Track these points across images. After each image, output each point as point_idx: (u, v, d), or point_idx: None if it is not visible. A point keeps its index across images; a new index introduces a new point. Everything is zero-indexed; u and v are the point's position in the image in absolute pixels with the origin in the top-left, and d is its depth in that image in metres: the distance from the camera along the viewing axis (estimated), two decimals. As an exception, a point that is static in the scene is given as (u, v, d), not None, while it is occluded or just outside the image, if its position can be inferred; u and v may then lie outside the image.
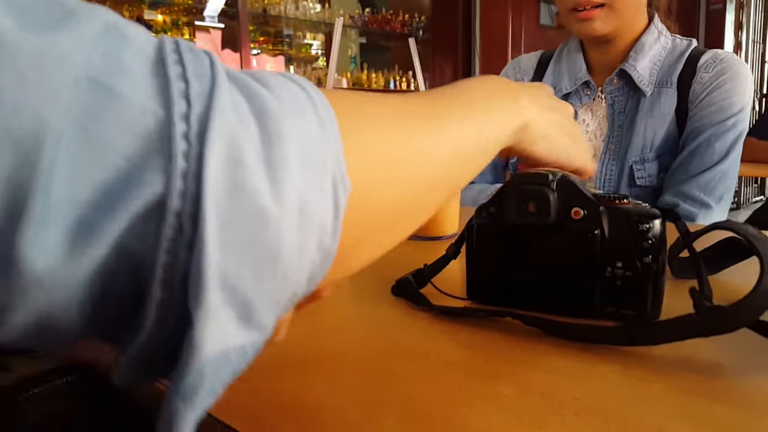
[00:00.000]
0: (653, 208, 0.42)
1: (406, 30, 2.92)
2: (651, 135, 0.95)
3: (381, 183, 0.26)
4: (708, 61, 0.95)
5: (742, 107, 0.92)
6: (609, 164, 0.98)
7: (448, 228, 0.75)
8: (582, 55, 1.04)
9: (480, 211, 0.45)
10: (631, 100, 0.98)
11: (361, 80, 2.79)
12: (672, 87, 0.96)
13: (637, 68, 0.97)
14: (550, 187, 0.42)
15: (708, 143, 0.91)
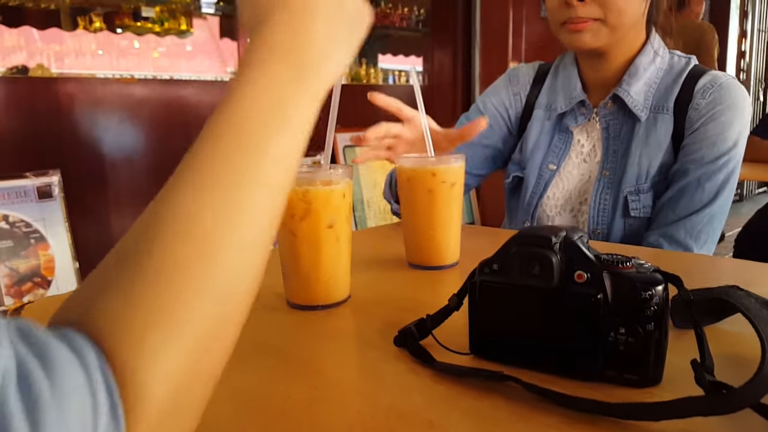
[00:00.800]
0: (655, 272, 0.42)
1: (405, 24, 2.89)
2: (646, 164, 0.93)
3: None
4: (706, 86, 0.92)
5: (735, 141, 0.90)
6: (603, 193, 0.96)
7: (449, 257, 0.76)
8: (577, 71, 1.01)
9: (483, 266, 0.45)
10: (626, 125, 0.96)
11: (360, 75, 2.77)
12: (668, 113, 0.93)
13: (630, 93, 0.94)
14: (553, 249, 0.42)
15: (698, 183, 0.89)
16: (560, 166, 1.01)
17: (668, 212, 0.90)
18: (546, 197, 1.01)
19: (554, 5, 0.93)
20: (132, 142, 2.11)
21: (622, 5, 0.88)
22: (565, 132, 1.02)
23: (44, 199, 1.91)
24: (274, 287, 0.63)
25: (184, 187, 0.31)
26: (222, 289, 0.29)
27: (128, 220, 2.10)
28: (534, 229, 0.44)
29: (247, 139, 0.33)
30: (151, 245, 0.28)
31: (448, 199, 0.73)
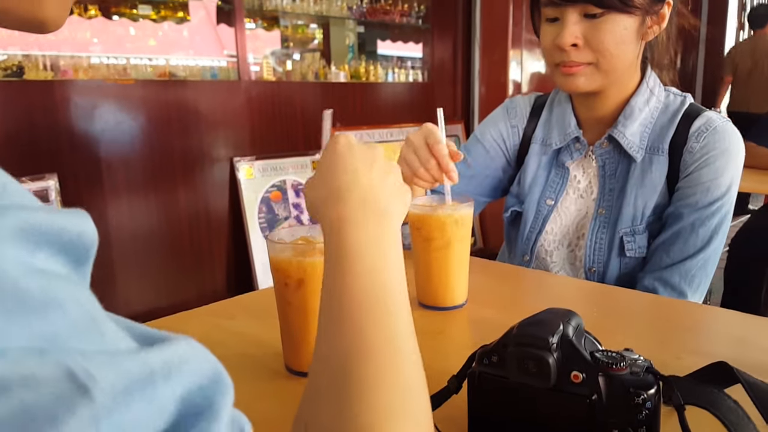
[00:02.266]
0: (648, 372, 0.44)
1: (406, 20, 2.87)
2: (642, 206, 0.94)
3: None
4: (700, 129, 0.92)
5: (728, 187, 0.91)
6: (599, 232, 0.97)
7: (458, 298, 0.79)
8: (572, 107, 1.02)
9: (482, 357, 0.47)
10: (622, 164, 0.97)
11: (359, 72, 2.76)
12: (663, 154, 0.94)
13: (626, 135, 0.95)
14: (550, 350, 0.44)
15: (692, 228, 0.91)
16: (558, 202, 1.02)
17: (662, 255, 0.92)
18: (545, 232, 1.03)
19: (548, 47, 0.93)
20: (129, 146, 2.11)
21: (614, 50, 0.89)
22: (561, 167, 1.03)
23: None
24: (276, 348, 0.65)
25: (357, 354, 0.37)
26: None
27: (125, 223, 2.12)
28: (532, 325, 0.46)
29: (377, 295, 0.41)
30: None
31: (459, 244, 0.77)
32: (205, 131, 2.29)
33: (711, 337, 0.72)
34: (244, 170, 2.38)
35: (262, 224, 2.43)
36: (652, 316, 0.78)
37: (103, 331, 0.21)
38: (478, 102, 3.10)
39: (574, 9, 0.88)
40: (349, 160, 0.48)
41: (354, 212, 0.45)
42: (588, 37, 0.88)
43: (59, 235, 0.21)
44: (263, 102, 2.43)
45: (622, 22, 0.87)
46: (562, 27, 0.89)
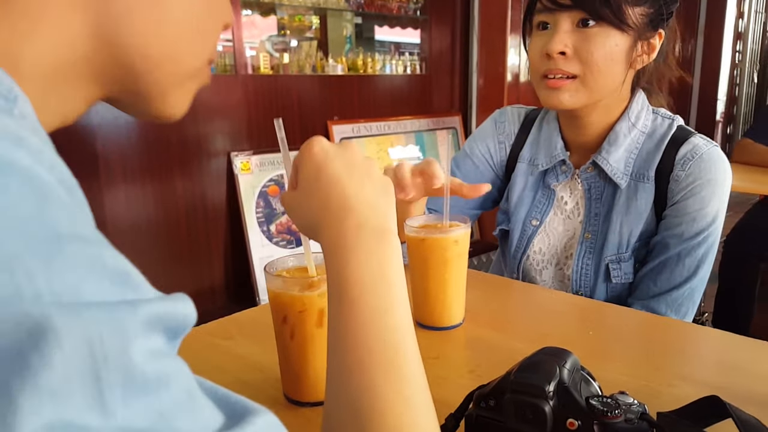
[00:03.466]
0: (642, 420, 0.44)
1: (404, 12, 2.84)
2: (627, 233, 0.94)
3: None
4: (686, 156, 0.92)
5: (714, 217, 0.91)
6: (585, 258, 0.97)
7: (455, 318, 0.80)
8: (559, 129, 1.02)
9: (479, 400, 0.48)
10: (608, 189, 0.97)
11: (357, 65, 2.74)
12: (649, 182, 0.94)
13: (609, 161, 0.94)
14: (547, 399, 0.44)
15: (678, 257, 0.91)
16: (543, 222, 1.03)
17: (650, 284, 0.92)
18: (532, 252, 1.04)
19: (536, 56, 0.92)
20: (126, 140, 2.10)
21: (602, 66, 0.88)
22: (547, 188, 1.03)
23: (41, 199, 1.92)
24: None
25: (370, 411, 0.39)
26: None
27: (123, 218, 2.12)
28: (529, 370, 0.46)
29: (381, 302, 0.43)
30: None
31: (456, 264, 0.78)
32: (202, 126, 2.28)
33: (704, 362, 0.73)
34: (241, 165, 2.38)
35: (259, 218, 2.43)
36: (646, 338, 0.79)
37: (198, 406, 0.25)
38: (477, 93, 3.08)
39: (568, 16, 0.87)
40: (331, 169, 0.47)
41: (353, 238, 0.44)
42: (577, 47, 0.88)
43: (170, 321, 0.25)
44: (260, 96, 2.42)
45: (613, 38, 0.87)
46: (553, 34, 0.88)
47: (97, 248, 0.25)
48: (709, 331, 0.83)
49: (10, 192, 0.22)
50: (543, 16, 0.91)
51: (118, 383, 0.21)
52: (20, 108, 0.29)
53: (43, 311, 0.20)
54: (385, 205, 0.47)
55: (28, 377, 0.19)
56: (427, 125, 2.97)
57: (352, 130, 2.72)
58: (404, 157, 2.89)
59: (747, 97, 4.93)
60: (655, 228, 0.95)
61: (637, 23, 0.87)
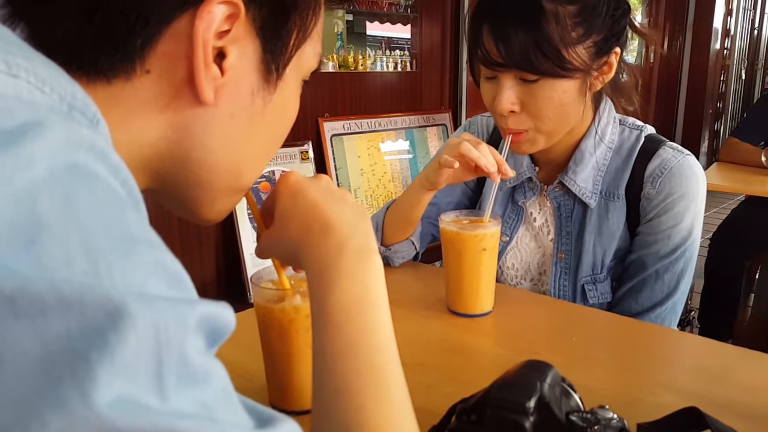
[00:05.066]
0: (621, 434, 0.45)
1: (394, 9, 2.84)
2: (601, 254, 0.93)
3: None
4: (655, 172, 0.89)
5: (690, 230, 0.89)
6: (561, 279, 0.96)
7: (486, 306, 0.87)
8: None
9: (462, 414, 0.49)
10: (578, 208, 0.95)
11: (348, 62, 2.74)
12: (620, 200, 0.92)
13: (577, 181, 0.92)
14: (527, 414, 0.45)
15: (657, 275, 0.89)
16: (513, 238, 1.02)
17: (631, 302, 0.91)
18: (505, 267, 1.03)
19: (489, 104, 0.88)
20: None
21: (553, 115, 0.84)
22: (516, 204, 1.02)
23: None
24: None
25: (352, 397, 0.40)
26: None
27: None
28: (510, 386, 0.47)
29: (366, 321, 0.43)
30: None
31: (489, 258, 0.84)
32: (192, 123, 2.27)
33: (686, 370, 0.74)
34: (232, 161, 2.38)
35: (250, 214, 2.43)
36: (630, 344, 0.80)
37: (235, 405, 0.27)
38: (466, 90, 3.09)
39: (509, 72, 0.82)
40: (308, 195, 0.48)
41: (335, 258, 0.44)
42: (525, 102, 0.83)
43: (215, 324, 0.28)
44: (250, 93, 2.41)
45: (560, 86, 0.81)
46: (499, 90, 0.84)
47: (160, 252, 0.28)
48: (692, 338, 0.85)
49: (97, 196, 0.26)
50: (484, 70, 0.86)
51: (175, 370, 0.24)
52: (101, 130, 0.32)
53: (121, 297, 0.23)
54: (366, 227, 0.48)
55: (107, 352, 0.21)
56: (417, 122, 2.98)
57: (343, 126, 2.72)
58: (395, 150, 2.90)
59: (735, 94, 4.96)
60: (629, 246, 0.93)
61: (583, 62, 0.81)
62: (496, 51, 0.80)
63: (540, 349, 0.76)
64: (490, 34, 0.81)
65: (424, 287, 0.97)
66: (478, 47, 0.83)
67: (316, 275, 0.45)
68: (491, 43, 0.81)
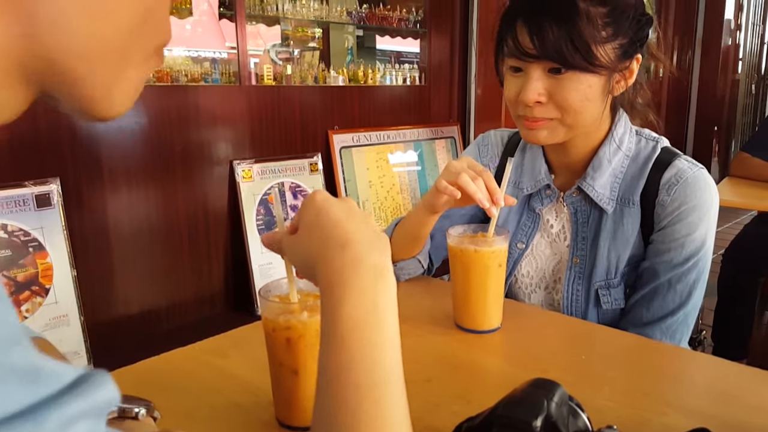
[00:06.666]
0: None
1: (404, 25, 2.86)
2: (615, 259, 0.94)
3: None
4: (671, 181, 0.91)
5: (703, 240, 0.90)
6: (575, 283, 0.97)
7: (494, 322, 0.86)
8: (543, 153, 1.01)
9: (468, 432, 0.49)
10: (594, 212, 0.96)
11: (358, 75, 2.75)
12: (635, 206, 0.93)
13: (595, 187, 0.94)
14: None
15: (669, 284, 0.90)
16: (529, 245, 1.02)
17: (642, 311, 0.92)
18: (520, 275, 1.03)
19: (512, 98, 0.91)
20: (131, 150, 2.12)
21: (578, 107, 0.87)
22: (533, 211, 1.03)
23: (43, 207, 1.93)
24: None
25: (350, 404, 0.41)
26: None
27: (126, 226, 2.13)
28: (517, 405, 0.47)
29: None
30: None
31: (496, 274, 0.84)
32: (206, 135, 2.30)
33: (697, 390, 0.73)
34: (243, 172, 2.39)
35: (259, 226, 2.44)
36: (639, 363, 0.79)
37: None
38: (474, 104, 3.10)
39: (538, 64, 0.86)
40: (332, 211, 0.49)
41: (349, 272, 0.45)
42: (552, 93, 0.86)
43: (90, 411, 0.26)
44: (263, 106, 2.44)
45: (586, 80, 0.85)
46: (526, 82, 0.87)
47: (2, 352, 0.24)
48: (703, 357, 0.84)
49: None
50: (513, 61, 0.89)
51: None
52: None
53: None
54: (383, 246, 0.48)
55: None
56: (425, 134, 2.99)
57: (352, 139, 2.73)
58: (403, 162, 2.91)
59: (745, 109, 4.94)
60: (643, 253, 0.94)
61: (609, 60, 0.86)
62: (530, 42, 0.85)
63: (548, 366, 0.75)
64: (525, 26, 0.86)
65: (431, 302, 0.97)
66: (511, 39, 0.88)
67: (329, 287, 0.45)
68: (525, 36, 0.86)
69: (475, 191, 0.82)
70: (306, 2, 2.58)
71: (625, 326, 0.93)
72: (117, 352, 1.96)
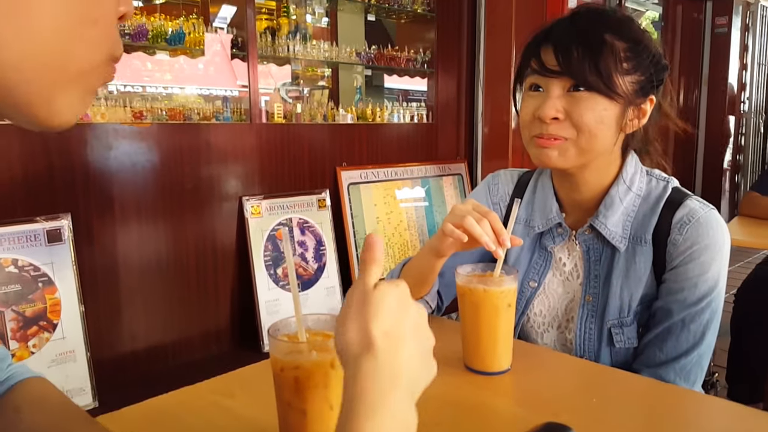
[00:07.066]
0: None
1: (412, 65, 2.91)
2: (627, 298, 0.93)
3: None
4: (683, 220, 0.91)
5: (716, 281, 0.90)
6: (588, 322, 0.96)
7: (504, 363, 0.85)
8: (554, 191, 1.02)
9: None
10: (606, 250, 0.96)
11: (366, 113, 2.80)
12: (647, 245, 0.93)
13: (608, 225, 0.94)
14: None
15: (683, 324, 0.90)
16: (541, 284, 1.02)
17: (656, 351, 0.91)
18: (532, 314, 1.03)
19: (527, 120, 0.93)
20: (142, 186, 2.15)
21: (593, 128, 0.88)
22: (544, 250, 1.03)
23: (54, 242, 1.95)
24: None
25: None
26: None
27: (135, 261, 2.14)
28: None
29: None
30: None
31: (506, 314, 0.83)
32: (216, 172, 2.33)
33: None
34: (252, 208, 2.41)
35: (267, 262, 2.44)
36: (652, 407, 0.78)
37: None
38: (482, 142, 3.13)
39: (559, 81, 0.89)
40: (407, 345, 0.47)
41: (378, 394, 0.43)
42: (569, 111, 0.88)
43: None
44: (273, 143, 2.47)
45: (603, 103, 0.88)
46: (545, 99, 0.89)
47: None
48: (717, 401, 0.82)
49: None
50: (535, 78, 0.92)
51: None
52: None
53: None
54: (423, 380, 0.49)
55: None
56: (433, 171, 3.01)
57: (360, 175, 2.76)
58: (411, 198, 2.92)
59: (753, 147, 4.95)
60: (655, 292, 0.94)
61: (627, 91, 0.89)
62: (554, 60, 0.88)
63: (559, 409, 0.74)
64: (551, 47, 0.89)
65: (440, 342, 0.95)
66: (535, 60, 0.91)
67: (359, 396, 0.43)
68: (550, 54, 0.89)
69: (481, 234, 0.82)
70: (316, 43, 2.65)
71: (639, 367, 0.92)
72: (122, 389, 1.95)
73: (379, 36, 3.15)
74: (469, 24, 3.02)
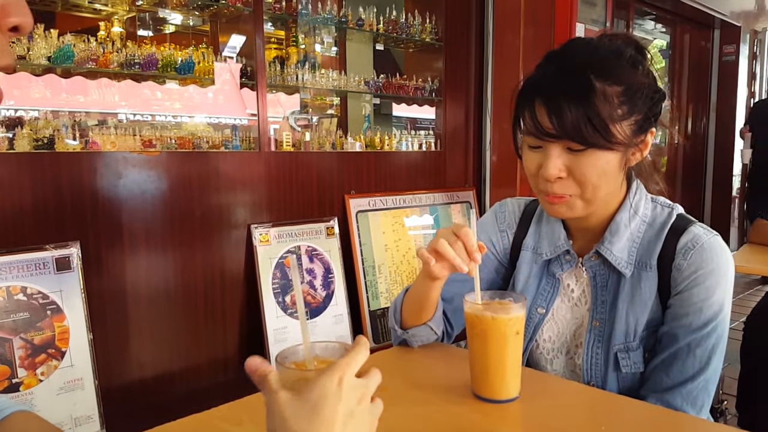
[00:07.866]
0: None
1: (420, 93, 2.95)
2: (633, 322, 0.94)
3: None
4: (687, 246, 0.91)
5: (721, 305, 0.89)
6: (594, 347, 0.96)
7: (512, 391, 0.84)
8: (561, 219, 1.02)
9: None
10: (612, 276, 0.97)
11: (374, 142, 2.83)
12: (652, 270, 0.93)
13: (613, 251, 0.95)
14: None
15: (689, 349, 0.89)
16: (549, 310, 1.02)
17: (662, 376, 0.90)
18: (542, 340, 1.02)
19: (532, 172, 0.93)
20: (151, 214, 2.16)
21: (597, 182, 0.88)
22: (552, 276, 1.03)
23: (62, 270, 1.96)
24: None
25: None
26: None
27: (143, 289, 2.15)
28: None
29: None
30: None
31: (514, 341, 0.83)
32: (225, 200, 2.35)
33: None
34: (261, 236, 2.42)
35: (275, 289, 2.45)
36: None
37: None
38: (490, 169, 3.15)
39: (558, 142, 0.88)
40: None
41: None
42: (571, 169, 0.88)
43: None
44: (281, 171, 2.50)
45: (604, 157, 0.87)
46: (546, 159, 0.89)
47: None
48: (726, 429, 0.81)
49: None
50: (533, 140, 0.91)
51: None
52: None
53: None
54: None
55: None
56: (441, 199, 3.02)
57: (368, 203, 2.77)
58: (419, 225, 2.92)
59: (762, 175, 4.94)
60: (661, 317, 0.93)
61: (626, 137, 0.87)
62: (549, 123, 0.87)
63: (568, 438, 0.73)
64: (544, 107, 0.87)
65: (448, 370, 0.95)
66: (530, 117, 0.90)
67: None
68: (544, 115, 0.87)
69: (453, 257, 0.85)
70: (325, 72, 2.69)
71: (646, 393, 0.91)
72: (130, 417, 1.94)
73: (387, 65, 3.20)
74: (477, 53, 3.06)
